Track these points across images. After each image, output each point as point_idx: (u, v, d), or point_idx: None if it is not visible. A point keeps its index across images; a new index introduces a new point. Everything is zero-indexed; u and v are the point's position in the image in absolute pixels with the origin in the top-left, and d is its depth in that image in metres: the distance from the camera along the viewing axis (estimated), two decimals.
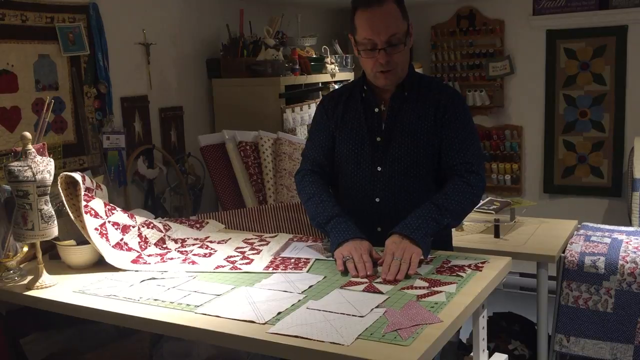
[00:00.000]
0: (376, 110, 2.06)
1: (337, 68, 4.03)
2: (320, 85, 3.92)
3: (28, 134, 1.83)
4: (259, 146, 3.21)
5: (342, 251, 1.88)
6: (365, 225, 2.05)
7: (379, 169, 2.04)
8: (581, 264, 2.63)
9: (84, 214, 1.96)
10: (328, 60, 4.00)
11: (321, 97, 3.84)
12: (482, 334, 1.89)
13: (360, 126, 2.07)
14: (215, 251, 2.10)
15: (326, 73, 3.95)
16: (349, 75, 4.18)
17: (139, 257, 2.03)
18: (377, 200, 2.05)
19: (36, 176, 1.80)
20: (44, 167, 1.83)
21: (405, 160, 2.02)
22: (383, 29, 1.92)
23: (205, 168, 3.32)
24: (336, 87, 3.91)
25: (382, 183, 2.04)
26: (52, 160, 1.88)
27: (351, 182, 2.10)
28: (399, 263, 1.78)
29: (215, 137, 3.25)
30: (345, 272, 1.83)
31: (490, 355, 1.97)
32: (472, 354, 1.92)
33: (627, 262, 2.57)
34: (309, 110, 3.67)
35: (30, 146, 1.83)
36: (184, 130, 3.52)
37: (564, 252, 2.71)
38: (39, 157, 1.84)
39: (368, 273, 1.79)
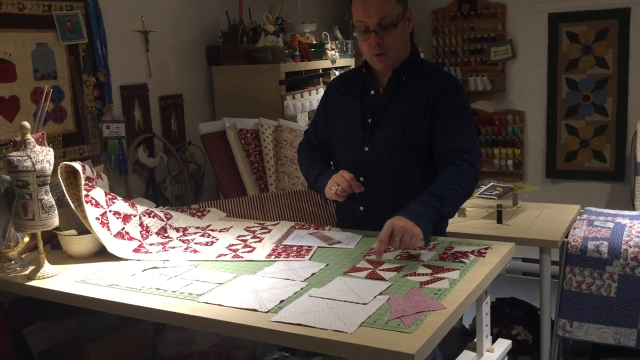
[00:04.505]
0: (372, 92, 2.12)
1: (337, 54, 3.99)
2: (320, 71, 3.90)
3: (27, 124, 1.81)
4: (259, 133, 3.19)
5: (328, 186, 2.08)
6: (348, 204, 2.12)
7: (366, 149, 2.09)
8: (584, 248, 2.62)
9: (85, 204, 1.95)
10: (328, 46, 3.96)
11: (322, 83, 3.83)
12: (486, 320, 1.89)
13: (355, 107, 2.13)
14: (217, 240, 2.10)
15: (327, 59, 3.92)
16: (349, 62, 4.15)
17: (140, 246, 2.02)
18: (362, 179, 2.09)
19: (36, 166, 1.79)
20: (44, 156, 1.82)
21: (391, 143, 2.05)
22: (374, 11, 1.97)
23: (206, 156, 3.30)
24: (337, 73, 3.89)
25: (368, 163, 2.09)
26: (51, 149, 1.87)
27: (340, 160, 2.17)
28: (397, 242, 1.77)
29: (215, 125, 3.23)
30: (338, 199, 2.06)
31: (493, 341, 1.97)
32: (475, 340, 1.92)
33: (631, 247, 2.56)
34: (309, 97, 3.64)
35: (29, 136, 1.81)
36: (184, 118, 3.50)
37: (567, 237, 2.70)
38: (38, 147, 1.82)
39: (347, 177, 2.03)
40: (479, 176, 2.04)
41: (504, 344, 1.96)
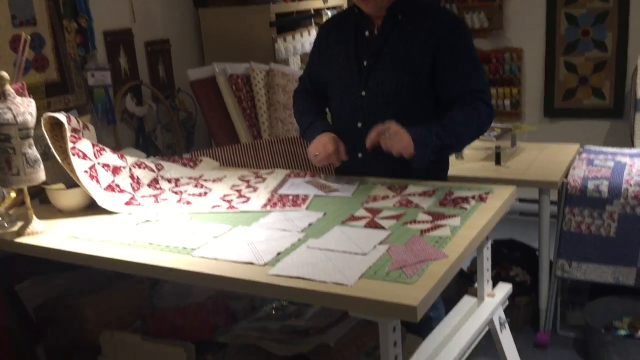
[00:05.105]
0: (366, 33, 2.02)
1: None
2: (312, 12, 3.75)
3: (5, 74, 1.72)
4: (251, 79, 3.09)
5: (310, 149, 2.02)
6: (347, 151, 2.05)
7: (363, 93, 2.02)
8: (584, 188, 2.59)
9: (72, 156, 1.88)
10: None
11: (314, 24, 3.70)
12: (487, 264, 1.87)
13: (349, 50, 2.05)
14: (211, 190, 2.04)
15: None
16: (341, 1, 4.00)
17: (132, 199, 1.97)
18: (359, 125, 2.03)
19: (17, 118, 1.71)
20: (25, 108, 1.74)
21: (389, 86, 1.97)
22: None
23: (196, 103, 3.21)
24: (329, 14, 3.75)
25: (365, 108, 2.02)
26: (32, 100, 1.78)
27: (337, 106, 2.12)
28: (387, 139, 1.81)
29: (205, 71, 3.12)
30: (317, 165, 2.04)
31: (492, 285, 1.94)
32: (476, 284, 1.89)
33: (631, 186, 2.52)
34: (301, 39, 3.52)
35: (8, 87, 1.72)
36: (172, 64, 3.38)
37: (566, 177, 2.65)
38: (18, 98, 1.74)
39: (329, 149, 1.96)
40: (493, 115, 1.97)
41: (504, 288, 1.94)
